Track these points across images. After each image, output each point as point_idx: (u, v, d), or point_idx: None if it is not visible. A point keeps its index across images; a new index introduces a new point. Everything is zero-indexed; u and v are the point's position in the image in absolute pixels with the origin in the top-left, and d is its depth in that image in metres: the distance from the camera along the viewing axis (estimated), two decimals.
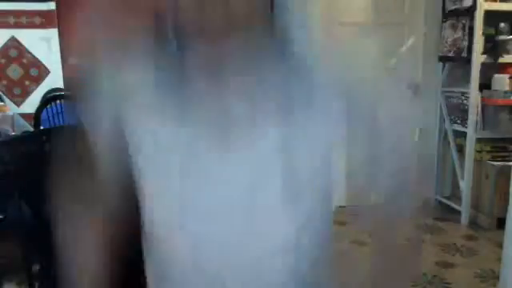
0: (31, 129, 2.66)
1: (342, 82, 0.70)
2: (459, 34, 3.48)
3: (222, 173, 0.65)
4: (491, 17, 3.32)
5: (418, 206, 0.91)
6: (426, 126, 3.91)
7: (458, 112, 3.63)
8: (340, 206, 3.96)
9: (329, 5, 0.83)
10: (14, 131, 2.92)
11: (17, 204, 2.34)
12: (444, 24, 3.67)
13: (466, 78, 3.50)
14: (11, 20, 3.84)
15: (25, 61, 3.90)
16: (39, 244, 1.95)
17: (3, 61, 3.87)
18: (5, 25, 3.83)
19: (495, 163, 3.40)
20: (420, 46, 3.82)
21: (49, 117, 2.44)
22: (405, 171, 0.80)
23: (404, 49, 3.87)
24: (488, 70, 3.40)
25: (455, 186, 3.83)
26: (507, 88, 3.30)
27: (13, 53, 3.88)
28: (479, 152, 3.48)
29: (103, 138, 0.69)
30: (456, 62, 3.63)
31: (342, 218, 3.74)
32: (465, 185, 3.50)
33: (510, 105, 3.42)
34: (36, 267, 2.39)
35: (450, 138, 3.74)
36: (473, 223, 3.52)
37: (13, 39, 3.86)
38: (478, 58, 3.31)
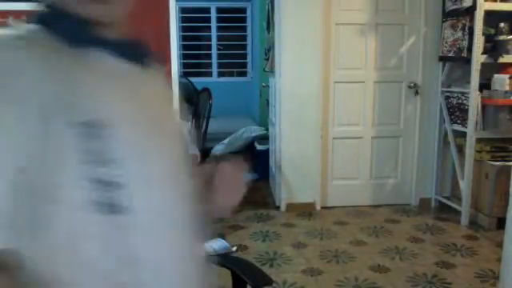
0: None
1: None
2: (459, 34, 3.48)
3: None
4: (491, 17, 3.32)
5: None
6: (425, 125, 3.92)
7: (458, 112, 3.63)
8: (340, 206, 3.97)
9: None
10: None
11: None
12: (444, 24, 3.68)
13: (466, 78, 3.50)
14: (11, 20, 3.85)
15: None
16: None
17: None
18: (5, 25, 3.84)
19: (495, 163, 3.40)
20: (420, 46, 3.82)
21: None
22: None
23: (404, 49, 3.87)
24: (488, 70, 3.40)
25: (455, 186, 3.83)
26: (507, 88, 3.30)
27: None
28: (479, 152, 3.48)
29: None
30: (456, 61, 3.64)
31: (342, 218, 3.75)
32: (465, 185, 3.50)
33: (510, 105, 3.42)
34: None
35: (450, 138, 3.74)
36: (473, 223, 3.52)
37: None
38: (478, 58, 3.31)
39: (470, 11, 3.32)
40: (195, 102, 4.00)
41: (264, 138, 4.89)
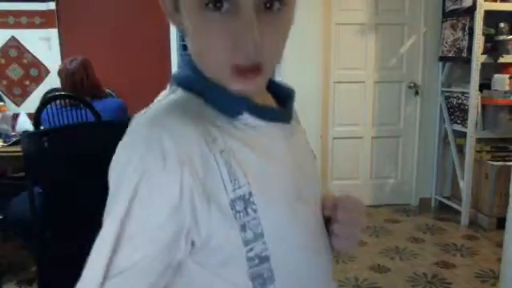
0: (31, 128, 2.66)
1: None
2: (459, 34, 3.48)
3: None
4: (491, 17, 3.32)
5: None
6: (425, 125, 3.91)
7: (458, 112, 3.63)
8: None
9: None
10: (14, 131, 2.92)
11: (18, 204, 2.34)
12: (444, 24, 3.68)
13: (466, 78, 3.51)
14: (11, 20, 3.84)
15: (25, 61, 3.90)
16: (38, 243, 1.95)
17: (3, 61, 3.87)
18: (5, 25, 3.83)
19: (495, 163, 3.40)
20: (420, 46, 3.82)
21: (49, 117, 2.43)
22: None
23: (404, 49, 3.87)
24: (488, 70, 3.40)
25: (455, 186, 3.83)
26: (507, 88, 3.30)
27: (13, 53, 3.88)
28: (479, 152, 3.48)
29: None
30: (456, 62, 3.64)
31: None
32: (465, 185, 3.50)
33: (510, 105, 3.42)
34: (34, 267, 2.39)
35: (450, 138, 3.74)
36: (473, 223, 3.52)
37: (13, 39, 3.86)
38: (478, 58, 3.32)
39: (470, 11, 3.32)
40: None
41: None
